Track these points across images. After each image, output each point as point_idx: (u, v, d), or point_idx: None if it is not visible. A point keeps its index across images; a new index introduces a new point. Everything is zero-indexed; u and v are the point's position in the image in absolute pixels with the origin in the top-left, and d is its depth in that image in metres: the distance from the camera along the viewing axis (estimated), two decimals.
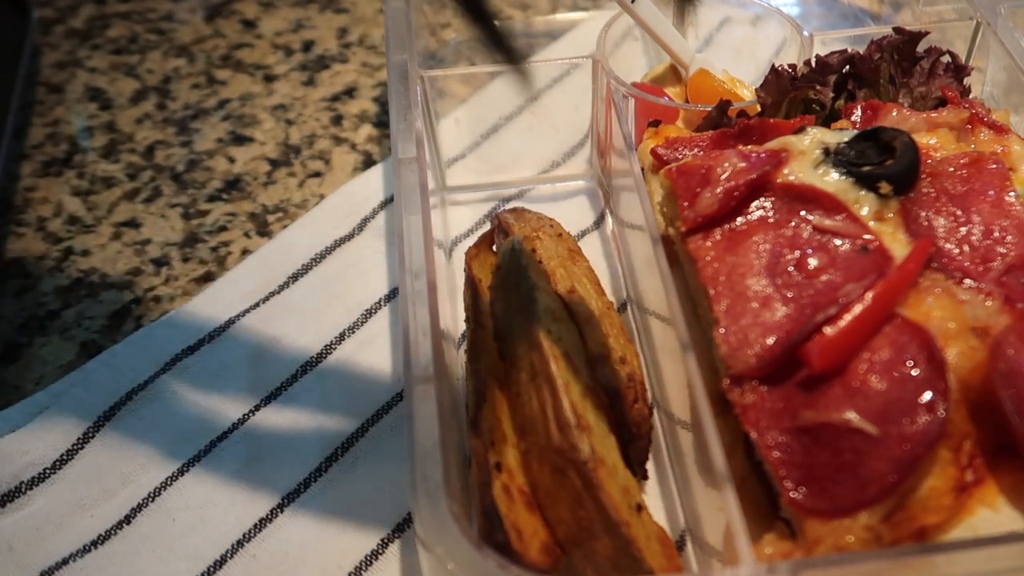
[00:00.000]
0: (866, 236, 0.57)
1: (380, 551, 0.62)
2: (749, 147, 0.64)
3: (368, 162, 0.91)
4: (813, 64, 0.72)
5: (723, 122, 0.71)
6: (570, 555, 0.54)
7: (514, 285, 0.60)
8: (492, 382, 0.58)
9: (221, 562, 0.62)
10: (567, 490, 0.53)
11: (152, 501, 0.65)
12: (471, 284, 0.65)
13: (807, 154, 0.61)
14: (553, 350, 0.56)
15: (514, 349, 0.58)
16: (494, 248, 0.72)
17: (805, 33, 0.81)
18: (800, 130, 0.63)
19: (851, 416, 0.51)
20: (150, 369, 0.72)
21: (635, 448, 0.61)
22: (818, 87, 0.72)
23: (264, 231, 0.85)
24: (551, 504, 0.54)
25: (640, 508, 0.55)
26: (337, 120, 0.97)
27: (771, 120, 0.68)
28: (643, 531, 0.53)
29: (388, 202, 0.85)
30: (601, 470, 0.53)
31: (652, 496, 0.64)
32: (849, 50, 0.72)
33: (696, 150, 0.67)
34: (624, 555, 0.51)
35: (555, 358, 0.56)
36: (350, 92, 1.00)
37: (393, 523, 0.64)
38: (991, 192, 0.60)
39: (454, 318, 0.72)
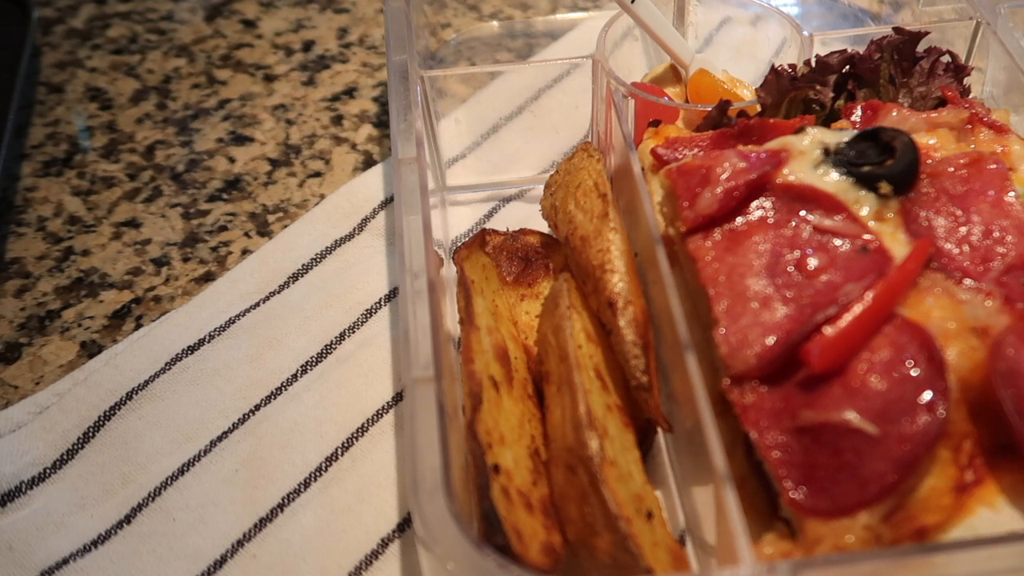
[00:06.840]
0: (866, 236, 0.57)
1: (380, 551, 0.62)
2: (749, 147, 0.64)
3: (368, 162, 0.91)
4: (813, 64, 0.72)
5: (723, 122, 0.71)
6: (579, 557, 0.54)
7: (554, 307, 0.61)
8: (488, 384, 0.58)
9: (221, 562, 0.62)
10: (575, 487, 0.54)
11: (152, 501, 0.65)
12: (463, 285, 0.65)
13: (807, 154, 0.61)
14: (579, 361, 0.57)
15: (549, 366, 0.60)
16: (486, 250, 0.72)
17: (805, 33, 0.81)
18: (800, 130, 0.63)
19: (851, 416, 0.51)
20: (150, 369, 0.72)
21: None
22: (818, 87, 0.72)
23: (264, 231, 0.85)
24: (564, 505, 0.55)
25: (651, 515, 0.55)
26: (337, 120, 0.96)
27: (771, 120, 0.68)
28: (649, 536, 0.53)
29: (388, 202, 0.85)
30: (608, 468, 0.53)
31: None
32: (849, 50, 0.72)
33: (696, 150, 0.67)
34: (621, 550, 0.51)
35: (579, 368, 0.57)
36: (350, 92, 1.00)
37: (393, 523, 0.64)
38: (991, 192, 0.60)
39: (454, 318, 0.72)
